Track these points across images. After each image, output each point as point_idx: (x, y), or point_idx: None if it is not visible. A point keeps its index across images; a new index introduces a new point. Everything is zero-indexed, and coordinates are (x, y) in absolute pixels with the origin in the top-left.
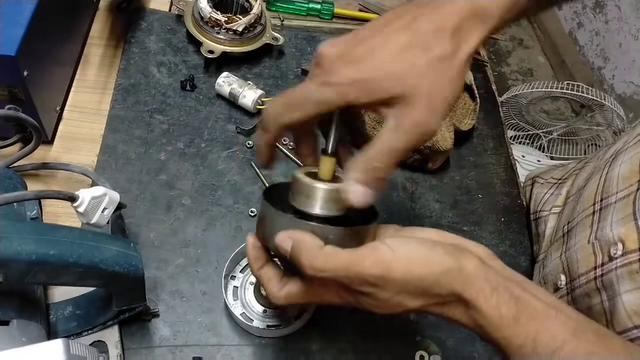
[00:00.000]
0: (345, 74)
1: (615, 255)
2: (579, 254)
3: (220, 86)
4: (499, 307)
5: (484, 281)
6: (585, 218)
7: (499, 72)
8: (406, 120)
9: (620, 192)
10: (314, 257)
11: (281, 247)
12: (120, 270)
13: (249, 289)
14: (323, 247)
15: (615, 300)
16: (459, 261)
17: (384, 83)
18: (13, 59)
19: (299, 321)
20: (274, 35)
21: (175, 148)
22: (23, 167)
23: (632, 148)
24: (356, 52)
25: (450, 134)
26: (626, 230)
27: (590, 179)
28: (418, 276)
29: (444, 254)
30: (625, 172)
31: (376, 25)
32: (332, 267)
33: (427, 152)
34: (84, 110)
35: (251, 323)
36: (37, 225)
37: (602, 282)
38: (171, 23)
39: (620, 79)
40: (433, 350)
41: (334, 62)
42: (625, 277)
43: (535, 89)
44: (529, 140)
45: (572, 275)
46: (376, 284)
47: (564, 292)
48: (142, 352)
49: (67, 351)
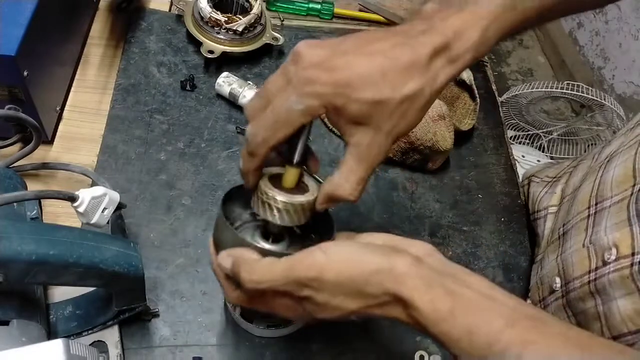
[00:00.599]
0: (325, 80)
1: (608, 260)
2: (574, 257)
3: (220, 86)
4: (434, 303)
5: (417, 278)
6: (580, 221)
7: (499, 72)
8: (366, 146)
9: (615, 196)
10: (252, 271)
11: (222, 266)
12: (120, 270)
13: None
14: (260, 260)
15: (610, 305)
16: (391, 261)
17: (361, 94)
18: (13, 59)
19: (300, 321)
20: (274, 35)
21: (175, 148)
22: (23, 167)
23: (626, 151)
24: (335, 62)
25: (451, 134)
26: (620, 235)
27: (585, 180)
28: (349, 277)
29: (376, 254)
30: (619, 175)
31: (359, 42)
32: (269, 278)
33: (427, 152)
34: (84, 110)
35: (251, 323)
36: (37, 225)
37: (595, 286)
38: (171, 23)
39: (620, 79)
40: (433, 350)
41: (313, 68)
42: (618, 282)
43: (535, 89)
44: (529, 140)
45: (567, 278)
46: (312, 286)
47: (559, 294)
48: (142, 352)
49: (67, 351)
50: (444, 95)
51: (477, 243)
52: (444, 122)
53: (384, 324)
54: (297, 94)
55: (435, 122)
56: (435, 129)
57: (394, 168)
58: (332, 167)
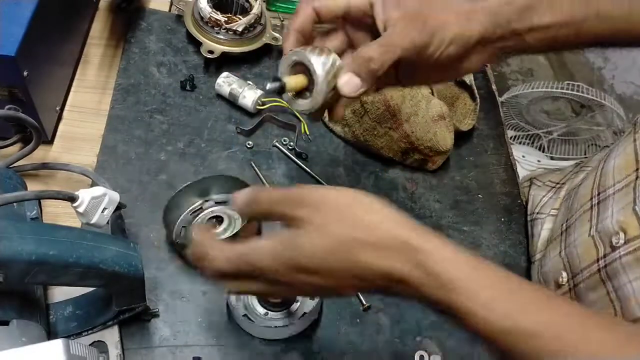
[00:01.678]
0: None
1: (617, 244)
2: (579, 249)
3: (220, 86)
4: (437, 242)
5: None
6: (583, 214)
7: (499, 72)
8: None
9: (618, 183)
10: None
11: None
12: (120, 270)
13: None
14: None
15: (623, 290)
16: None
17: None
18: (13, 59)
19: (302, 321)
20: (274, 35)
21: (175, 148)
22: (23, 167)
23: (622, 142)
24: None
25: (451, 134)
26: (625, 218)
27: (585, 178)
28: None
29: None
30: (621, 163)
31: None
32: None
33: (427, 152)
34: (84, 110)
35: (253, 325)
36: (37, 225)
37: (606, 273)
38: (171, 23)
39: (620, 79)
40: (433, 350)
41: None
42: (632, 265)
43: (535, 89)
44: (529, 140)
45: (574, 271)
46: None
47: (565, 288)
48: (142, 352)
49: (67, 351)
50: (444, 95)
51: (477, 243)
52: (444, 122)
53: (384, 324)
54: None
55: (435, 122)
56: (436, 129)
57: (394, 168)
58: (332, 167)
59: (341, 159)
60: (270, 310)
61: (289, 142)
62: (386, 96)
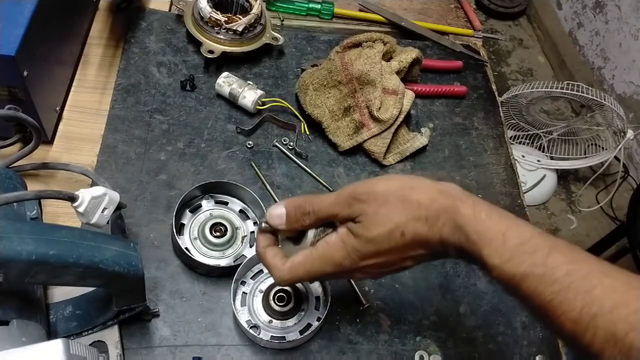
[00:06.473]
0: None
1: None
2: None
3: (220, 86)
4: (474, 207)
5: (459, 191)
6: None
7: (499, 72)
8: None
9: None
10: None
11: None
12: (120, 270)
13: (257, 296)
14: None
15: None
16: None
17: None
18: (13, 59)
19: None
20: (274, 35)
21: (175, 148)
22: (23, 167)
23: None
24: None
25: (393, 111)
26: None
27: None
28: (398, 186)
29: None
30: None
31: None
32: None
33: (365, 114)
34: (84, 110)
35: (257, 332)
36: (37, 225)
37: None
38: (171, 23)
39: (620, 79)
40: (433, 350)
41: None
42: None
43: (535, 89)
44: (529, 140)
45: None
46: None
47: None
48: (142, 352)
49: (67, 351)
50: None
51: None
52: (394, 97)
53: (384, 324)
54: None
55: (386, 92)
56: (383, 98)
57: (393, 168)
58: (332, 167)
59: (341, 159)
60: (274, 318)
61: (289, 142)
62: (345, 58)
